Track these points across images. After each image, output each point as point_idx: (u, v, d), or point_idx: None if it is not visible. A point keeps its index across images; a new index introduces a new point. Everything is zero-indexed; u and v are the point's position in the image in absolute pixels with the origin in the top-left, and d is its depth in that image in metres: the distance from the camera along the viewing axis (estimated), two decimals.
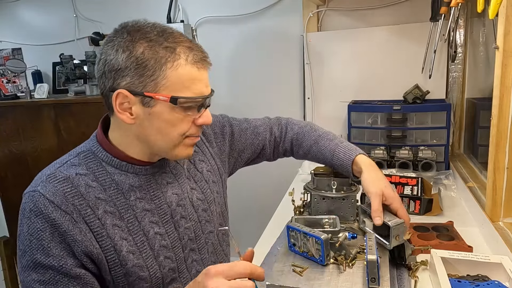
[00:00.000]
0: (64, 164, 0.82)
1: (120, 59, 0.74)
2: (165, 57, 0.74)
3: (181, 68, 0.75)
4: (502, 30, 0.99)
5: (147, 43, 0.74)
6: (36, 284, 0.74)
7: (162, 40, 0.74)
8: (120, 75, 0.75)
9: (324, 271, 0.94)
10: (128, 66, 0.74)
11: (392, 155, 1.74)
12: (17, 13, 2.59)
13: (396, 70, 1.88)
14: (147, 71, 0.73)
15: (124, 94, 0.75)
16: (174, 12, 2.24)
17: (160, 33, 0.75)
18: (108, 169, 0.83)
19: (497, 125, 1.05)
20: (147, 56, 0.73)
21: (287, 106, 2.14)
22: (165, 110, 0.76)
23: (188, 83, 0.76)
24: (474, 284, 0.84)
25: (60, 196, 0.76)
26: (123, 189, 0.83)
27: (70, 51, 2.37)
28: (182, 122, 0.79)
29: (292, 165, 2.06)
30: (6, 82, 2.45)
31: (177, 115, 0.77)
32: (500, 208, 1.10)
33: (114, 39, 0.76)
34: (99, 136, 0.86)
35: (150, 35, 0.75)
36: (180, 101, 0.75)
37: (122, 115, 0.77)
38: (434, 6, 1.56)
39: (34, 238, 0.74)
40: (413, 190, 1.37)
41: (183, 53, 0.75)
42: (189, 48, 0.76)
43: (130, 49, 0.73)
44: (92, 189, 0.79)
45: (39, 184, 0.77)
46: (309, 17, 1.97)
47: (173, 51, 0.74)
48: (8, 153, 2.28)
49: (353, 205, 1.14)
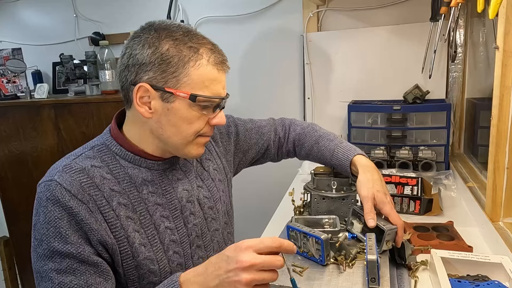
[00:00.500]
0: (79, 156, 0.84)
1: (146, 54, 0.77)
2: (189, 56, 0.77)
3: (203, 68, 0.78)
4: (502, 30, 0.99)
5: (172, 41, 0.77)
6: (53, 273, 0.74)
7: (186, 40, 0.78)
8: (144, 70, 0.78)
9: (324, 271, 0.94)
10: (152, 61, 0.77)
11: (392, 155, 1.74)
12: (17, 13, 2.59)
13: (396, 70, 1.88)
14: (170, 67, 0.77)
15: (145, 88, 0.78)
16: (174, 12, 2.24)
17: (185, 33, 0.79)
18: (121, 162, 0.85)
19: (497, 125, 1.05)
20: (171, 53, 0.76)
21: (287, 106, 2.14)
22: (183, 107, 0.79)
23: (208, 83, 0.79)
24: (474, 284, 0.84)
25: (76, 185, 0.77)
26: (136, 182, 0.84)
27: (70, 51, 2.36)
28: (198, 120, 0.82)
29: (292, 165, 2.06)
30: (6, 82, 2.45)
31: (194, 112, 0.80)
32: (500, 208, 1.10)
33: (141, 35, 0.79)
34: (113, 130, 0.87)
35: (175, 34, 0.78)
36: (199, 99, 0.78)
37: (141, 108, 0.80)
38: (434, 6, 1.56)
39: (51, 226, 0.75)
40: (413, 190, 1.37)
41: (205, 54, 0.79)
42: (211, 50, 0.80)
43: (156, 45, 0.77)
44: (106, 181, 0.81)
45: (55, 174, 0.79)
46: (309, 17, 1.97)
47: (197, 51, 0.78)
48: (8, 153, 2.28)
49: (353, 205, 1.14)
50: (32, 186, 2.54)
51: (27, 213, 2.39)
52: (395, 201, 1.34)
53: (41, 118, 2.17)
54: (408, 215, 1.32)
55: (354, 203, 1.16)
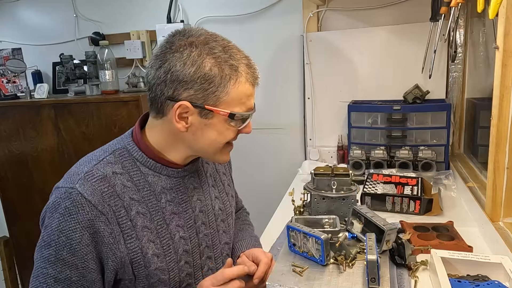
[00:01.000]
0: (100, 162, 0.82)
1: (187, 72, 0.76)
2: (230, 75, 0.78)
3: (241, 86, 0.80)
4: (502, 30, 0.99)
5: (214, 59, 0.78)
6: (50, 280, 0.75)
7: (227, 57, 0.79)
8: (184, 87, 0.77)
9: (324, 271, 0.94)
10: (194, 80, 0.77)
11: (392, 155, 1.74)
12: (17, 13, 2.59)
13: (396, 70, 1.88)
14: (212, 86, 0.77)
15: (186, 105, 0.78)
16: (174, 12, 2.24)
17: (224, 49, 0.80)
18: (142, 169, 0.85)
19: (497, 125, 1.05)
20: (214, 73, 0.77)
21: (287, 106, 2.14)
22: (221, 123, 0.81)
23: (245, 99, 0.82)
24: (474, 284, 0.84)
25: (97, 195, 0.77)
26: (155, 190, 0.85)
27: (70, 51, 2.36)
28: (231, 131, 0.84)
29: (292, 165, 2.07)
30: (6, 82, 2.45)
31: (228, 126, 0.82)
32: (500, 208, 1.10)
33: (182, 51, 0.77)
34: (136, 135, 0.87)
35: (215, 51, 0.79)
36: (236, 116, 0.81)
37: (179, 124, 0.80)
38: (434, 6, 1.56)
39: (63, 235, 0.75)
40: (413, 190, 1.37)
41: (244, 72, 0.81)
42: (247, 66, 0.83)
43: (198, 64, 0.77)
44: (127, 189, 0.81)
45: (77, 181, 0.78)
46: (309, 17, 1.97)
47: (237, 70, 0.80)
48: (8, 153, 2.28)
49: (353, 205, 1.14)
50: (32, 186, 2.54)
51: (27, 213, 2.40)
52: (395, 201, 1.35)
53: (41, 118, 2.17)
54: (408, 215, 1.32)
55: (354, 203, 1.16)
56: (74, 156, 2.14)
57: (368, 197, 1.38)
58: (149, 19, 2.27)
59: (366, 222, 1.03)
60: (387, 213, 1.35)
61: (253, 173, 2.22)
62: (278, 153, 2.19)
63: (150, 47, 2.32)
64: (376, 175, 1.53)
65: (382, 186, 1.44)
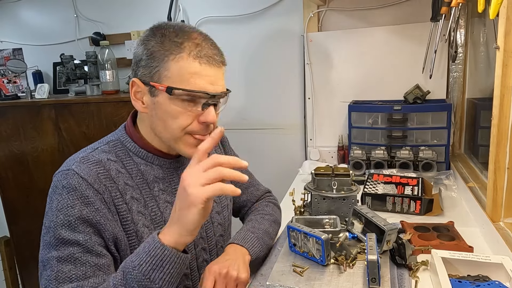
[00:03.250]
0: (95, 150, 0.85)
1: (138, 52, 0.81)
2: (170, 50, 0.78)
3: (182, 61, 0.78)
4: (503, 30, 0.99)
5: (160, 38, 0.79)
6: (54, 261, 0.75)
7: (173, 35, 0.79)
8: (138, 66, 0.81)
9: (325, 271, 0.94)
10: (142, 58, 0.80)
11: (393, 155, 1.74)
12: (18, 13, 2.59)
13: (396, 70, 1.88)
14: (154, 62, 0.78)
15: (136, 83, 0.81)
16: (175, 12, 2.24)
17: (177, 31, 0.80)
18: (134, 159, 0.87)
19: (497, 125, 1.05)
20: (155, 48, 0.79)
21: (287, 106, 2.14)
22: (165, 101, 0.80)
23: (187, 76, 0.78)
24: (474, 285, 0.84)
25: (93, 176, 0.78)
26: (147, 179, 0.86)
27: (71, 51, 2.36)
28: (182, 115, 0.80)
29: (293, 165, 2.07)
30: (6, 82, 2.45)
31: (174, 107, 0.79)
32: (500, 208, 1.10)
33: (142, 35, 0.83)
34: (128, 127, 0.90)
35: (167, 31, 0.80)
36: (176, 93, 0.78)
37: (136, 103, 0.84)
38: (435, 6, 1.55)
39: (61, 214, 0.75)
40: (413, 190, 1.37)
41: (187, 48, 0.78)
42: (196, 45, 0.79)
43: (145, 43, 0.80)
44: (121, 175, 0.83)
45: (72, 164, 0.80)
46: (309, 17, 1.97)
47: (179, 45, 0.78)
48: (8, 153, 2.28)
49: (353, 205, 1.14)
50: (32, 186, 2.55)
51: (27, 213, 2.40)
52: (395, 201, 1.34)
53: (41, 118, 2.17)
54: (409, 215, 1.32)
55: (354, 203, 1.16)
56: None
57: (369, 197, 1.38)
58: (150, 19, 2.26)
59: (367, 222, 1.03)
60: (387, 213, 1.35)
61: (253, 173, 2.22)
62: (279, 153, 2.19)
63: None
64: (376, 175, 1.52)
65: (382, 186, 1.43)
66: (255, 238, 0.98)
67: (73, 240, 0.74)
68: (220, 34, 2.17)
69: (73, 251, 0.74)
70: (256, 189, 1.20)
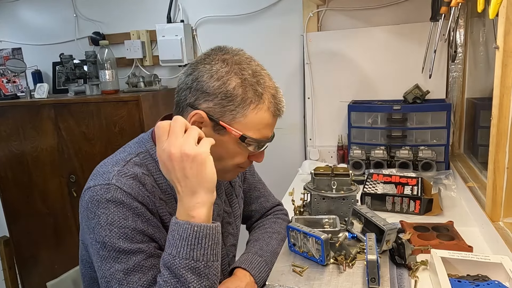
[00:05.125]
0: (128, 162, 0.84)
1: (212, 85, 0.78)
2: (252, 99, 0.79)
3: (261, 113, 0.80)
4: (502, 30, 0.99)
5: (240, 80, 0.78)
6: (120, 274, 0.74)
7: (254, 82, 0.80)
8: (205, 98, 0.79)
9: (324, 271, 0.94)
10: (215, 94, 0.78)
11: (392, 155, 1.74)
12: (17, 13, 2.59)
13: (396, 70, 1.88)
14: (231, 105, 0.78)
15: (201, 115, 0.79)
16: (174, 12, 2.24)
17: (254, 74, 0.81)
18: None
19: (497, 125, 1.05)
20: (237, 92, 0.78)
21: (287, 106, 2.12)
22: (232, 142, 0.81)
23: (261, 127, 0.81)
24: (474, 284, 0.84)
25: (135, 189, 0.78)
26: (175, 195, 0.85)
27: (70, 51, 2.36)
28: (240, 155, 0.84)
29: (292, 165, 2.07)
30: (6, 82, 2.45)
31: (238, 149, 0.82)
32: (500, 208, 1.10)
33: (213, 64, 0.80)
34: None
35: (244, 72, 0.79)
36: (248, 141, 0.80)
37: None
38: (434, 6, 1.56)
39: (114, 227, 0.74)
40: (413, 190, 1.37)
41: (267, 101, 0.81)
42: (273, 97, 0.83)
43: (224, 81, 0.78)
44: (155, 189, 0.83)
45: (112, 178, 0.78)
46: (309, 17, 1.97)
47: (261, 96, 0.80)
48: (8, 153, 2.28)
49: (353, 205, 1.14)
50: (32, 186, 2.54)
51: (27, 213, 2.40)
52: (395, 201, 1.35)
53: (41, 118, 2.17)
54: (408, 215, 1.32)
55: (354, 203, 1.16)
56: (74, 156, 2.14)
57: (368, 197, 1.38)
58: (149, 19, 2.27)
59: (366, 222, 1.03)
60: (387, 213, 1.35)
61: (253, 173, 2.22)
62: (278, 153, 2.19)
63: (150, 47, 2.32)
64: (376, 175, 1.53)
65: (382, 186, 1.43)
66: (263, 262, 0.97)
67: (135, 249, 0.74)
68: (220, 34, 2.17)
69: (137, 260, 0.74)
70: (266, 200, 1.19)
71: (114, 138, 2.04)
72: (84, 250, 0.89)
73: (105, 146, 2.07)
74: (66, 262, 2.14)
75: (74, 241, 2.20)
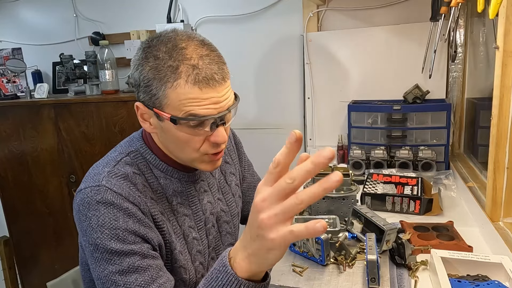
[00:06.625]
0: (119, 162, 0.83)
1: (136, 77, 0.77)
2: (166, 77, 0.72)
3: (180, 88, 0.72)
4: (502, 30, 0.99)
5: (154, 61, 0.73)
6: (115, 276, 0.72)
7: (167, 58, 0.73)
8: (138, 90, 0.78)
9: (324, 271, 0.94)
10: (140, 84, 0.76)
11: (392, 155, 1.74)
12: (17, 13, 2.59)
13: (396, 70, 1.88)
14: (152, 90, 0.74)
15: (139, 106, 0.79)
16: (174, 12, 2.24)
17: (170, 50, 0.73)
18: (155, 172, 0.85)
19: (497, 125, 1.05)
20: (150, 75, 0.74)
21: (287, 106, 2.14)
22: (172, 127, 0.76)
23: (187, 103, 0.72)
24: (474, 284, 0.84)
25: (125, 190, 0.77)
26: (167, 193, 0.85)
27: (70, 51, 2.36)
28: (192, 140, 0.77)
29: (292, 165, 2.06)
30: (6, 82, 2.45)
31: (182, 133, 0.76)
32: (500, 208, 1.10)
33: (135, 55, 0.78)
34: (146, 136, 0.87)
35: (158, 52, 0.73)
36: (181, 122, 0.74)
37: (144, 124, 0.81)
38: (434, 6, 1.56)
39: (105, 229, 0.73)
40: (413, 190, 1.37)
41: (184, 73, 0.72)
42: (193, 67, 0.72)
43: (140, 69, 0.75)
44: (146, 189, 0.82)
45: (102, 179, 0.77)
46: (309, 17, 1.97)
47: (175, 71, 0.72)
48: (8, 153, 2.28)
49: (353, 205, 1.14)
50: (32, 186, 2.54)
51: (27, 213, 2.40)
52: (395, 201, 1.35)
53: (41, 118, 2.17)
54: (408, 215, 1.32)
55: (354, 203, 1.16)
56: (74, 156, 2.14)
57: (368, 197, 1.38)
58: (149, 19, 2.27)
59: (366, 222, 1.03)
60: (387, 213, 1.35)
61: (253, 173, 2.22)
62: None
63: None
64: (376, 175, 1.53)
65: (382, 186, 1.43)
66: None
67: (127, 251, 0.73)
68: (220, 34, 2.17)
69: (131, 261, 0.73)
70: None
71: (114, 138, 2.04)
72: (83, 252, 0.89)
73: (105, 146, 2.07)
74: (66, 262, 2.14)
75: (74, 241, 2.20)
